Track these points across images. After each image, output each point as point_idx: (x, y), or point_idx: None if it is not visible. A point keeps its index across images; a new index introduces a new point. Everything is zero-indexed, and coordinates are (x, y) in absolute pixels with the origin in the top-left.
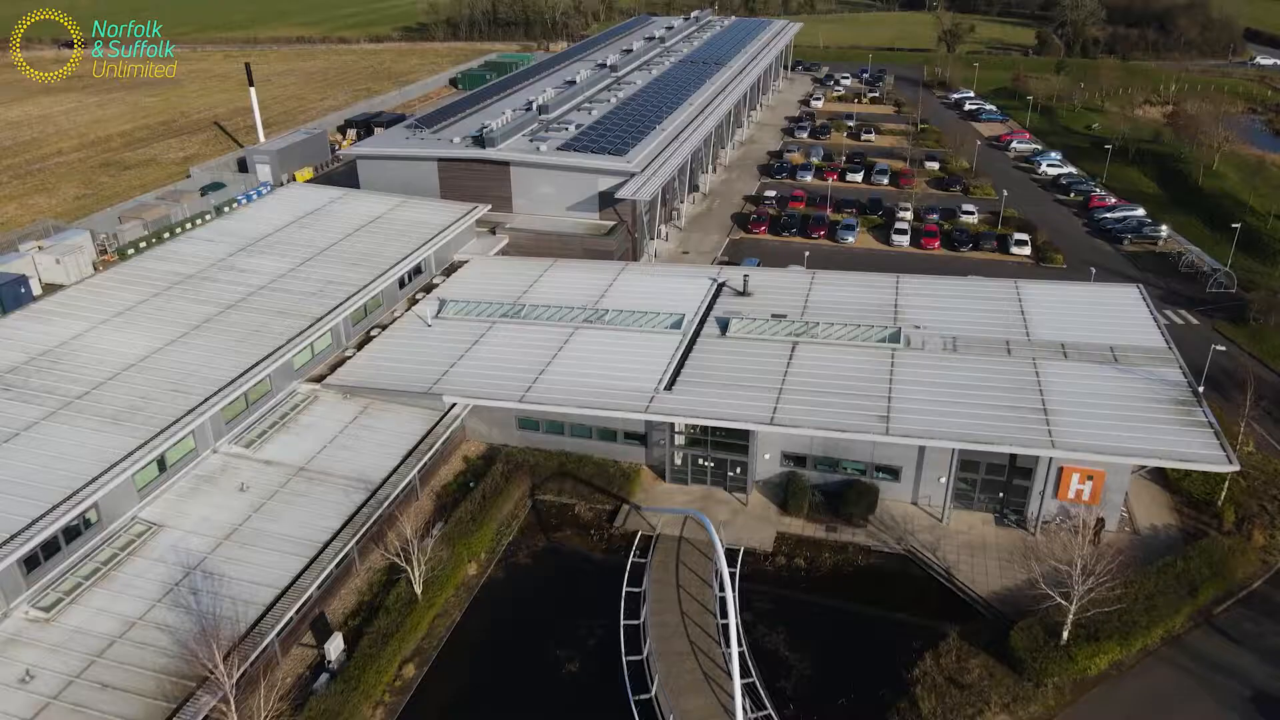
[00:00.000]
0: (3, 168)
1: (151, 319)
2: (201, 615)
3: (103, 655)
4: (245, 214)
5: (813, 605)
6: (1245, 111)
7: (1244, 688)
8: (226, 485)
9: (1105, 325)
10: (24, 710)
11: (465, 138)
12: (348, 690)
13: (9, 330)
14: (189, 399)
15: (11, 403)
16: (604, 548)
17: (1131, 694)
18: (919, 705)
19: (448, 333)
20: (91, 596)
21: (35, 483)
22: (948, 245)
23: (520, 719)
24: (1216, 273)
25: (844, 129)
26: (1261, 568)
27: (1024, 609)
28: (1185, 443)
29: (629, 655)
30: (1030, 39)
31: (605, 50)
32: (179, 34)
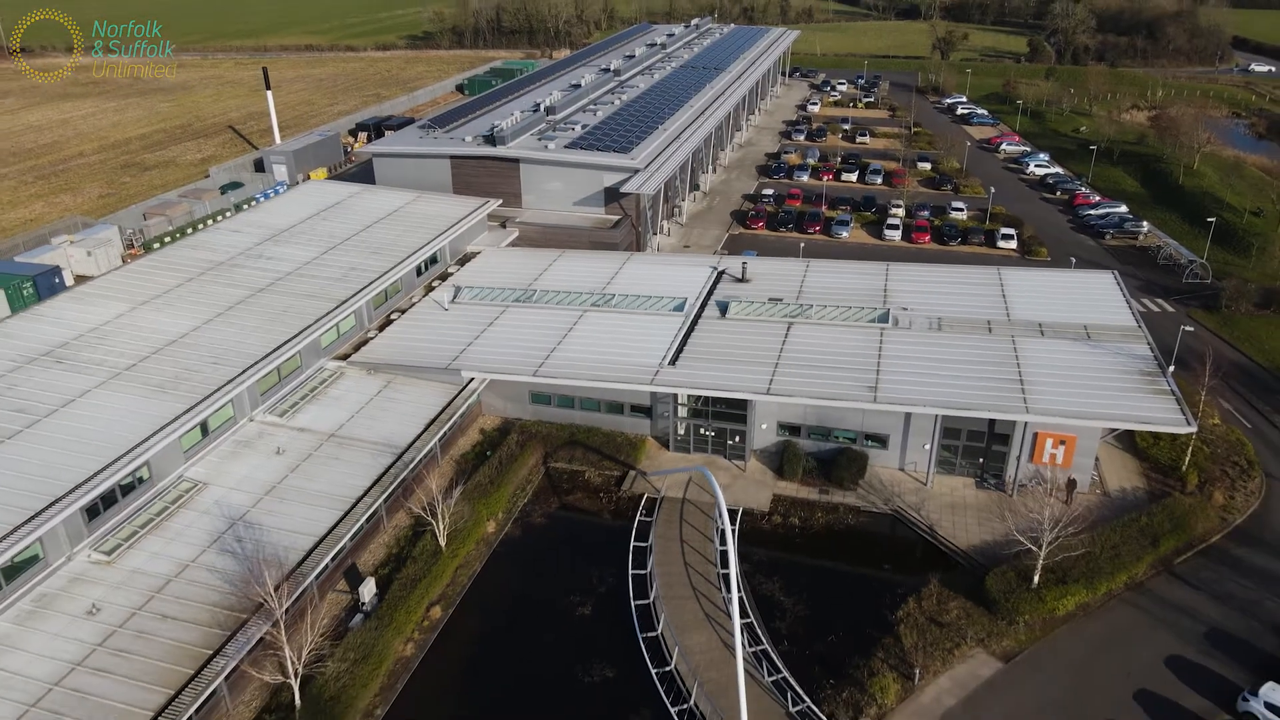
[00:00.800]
0: (27, 168)
1: (188, 301)
2: (247, 559)
3: (160, 592)
4: (269, 207)
5: (805, 558)
6: (1229, 116)
7: (1199, 625)
8: (263, 449)
9: (1080, 307)
10: (93, 637)
11: (476, 137)
12: (381, 627)
13: (56, 311)
14: (228, 370)
15: (66, 373)
16: (612, 509)
17: (1096, 630)
18: (902, 641)
19: (463, 315)
20: (147, 543)
21: (92, 442)
22: (938, 240)
23: (538, 654)
24: (1192, 264)
25: (839, 132)
26: (1220, 524)
27: (1000, 559)
28: (1149, 408)
29: (637, 600)
30: (1023, 47)
31: (608, 56)
32: (189, 42)
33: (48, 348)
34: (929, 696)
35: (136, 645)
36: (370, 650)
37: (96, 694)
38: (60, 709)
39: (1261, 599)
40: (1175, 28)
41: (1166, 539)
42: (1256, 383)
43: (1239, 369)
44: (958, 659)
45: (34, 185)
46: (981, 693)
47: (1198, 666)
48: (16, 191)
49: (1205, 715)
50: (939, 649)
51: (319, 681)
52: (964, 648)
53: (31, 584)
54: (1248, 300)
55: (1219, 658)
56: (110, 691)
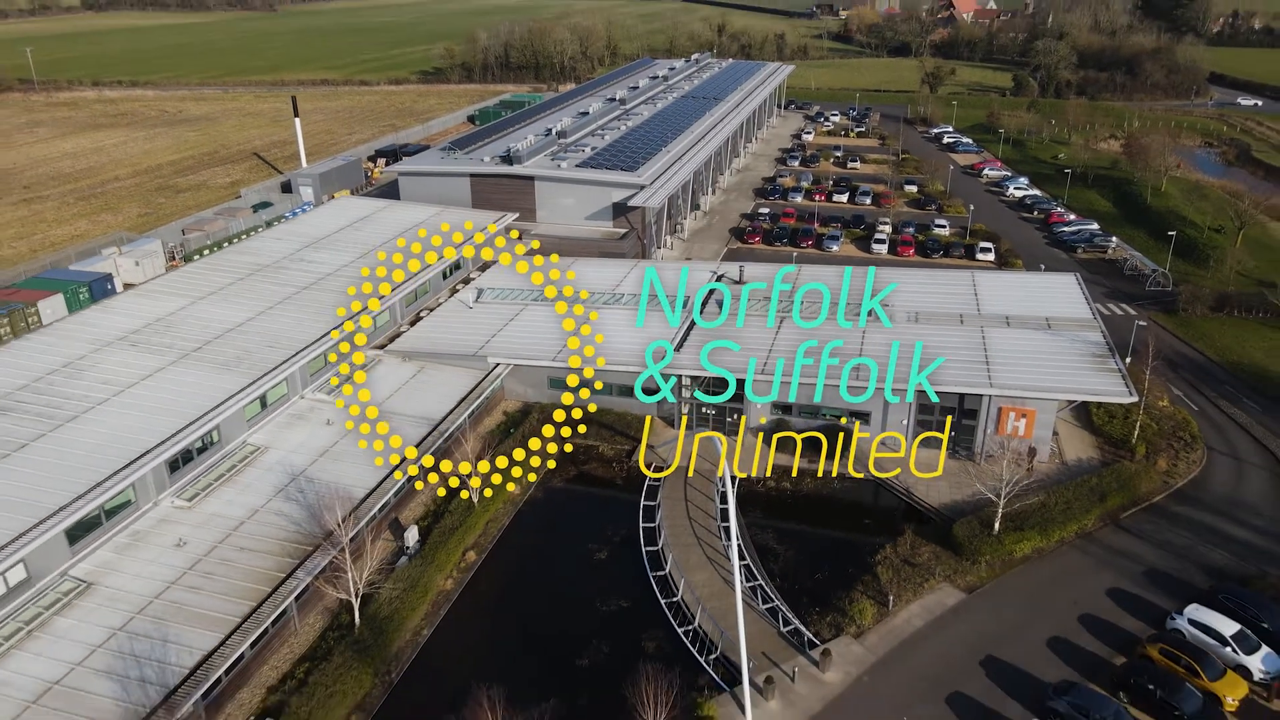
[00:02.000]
0: (68, 191)
1: (241, 296)
2: (309, 505)
3: (237, 530)
4: (305, 220)
5: (796, 515)
6: (1202, 145)
7: (1138, 565)
8: (314, 420)
9: (1044, 303)
10: (183, 563)
11: (494, 157)
12: (425, 564)
13: (125, 305)
14: (282, 353)
15: (141, 354)
16: (624, 476)
17: (1048, 569)
18: (879, 578)
19: (487, 312)
20: (221, 493)
21: (171, 409)
22: (921, 253)
23: (561, 589)
24: (1155, 273)
25: (832, 158)
26: (1162, 485)
27: (966, 513)
28: (1098, 383)
29: (647, 547)
30: (1008, 82)
31: (613, 87)
32: (210, 77)
33: (122, 334)
34: (901, 619)
35: (220, 570)
36: (416, 581)
37: (191, 605)
38: (162, 616)
39: (1195, 545)
40: (1153, 64)
41: (1113, 496)
42: (1206, 374)
43: (1191, 363)
44: (927, 590)
45: (76, 206)
46: (947, 617)
47: (1135, 597)
48: (60, 211)
49: (1138, 633)
50: (911, 583)
51: (374, 604)
52: (932, 582)
53: (126, 523)
54: (1202, 304)
55: (1154, 591)
56: (202, 603)
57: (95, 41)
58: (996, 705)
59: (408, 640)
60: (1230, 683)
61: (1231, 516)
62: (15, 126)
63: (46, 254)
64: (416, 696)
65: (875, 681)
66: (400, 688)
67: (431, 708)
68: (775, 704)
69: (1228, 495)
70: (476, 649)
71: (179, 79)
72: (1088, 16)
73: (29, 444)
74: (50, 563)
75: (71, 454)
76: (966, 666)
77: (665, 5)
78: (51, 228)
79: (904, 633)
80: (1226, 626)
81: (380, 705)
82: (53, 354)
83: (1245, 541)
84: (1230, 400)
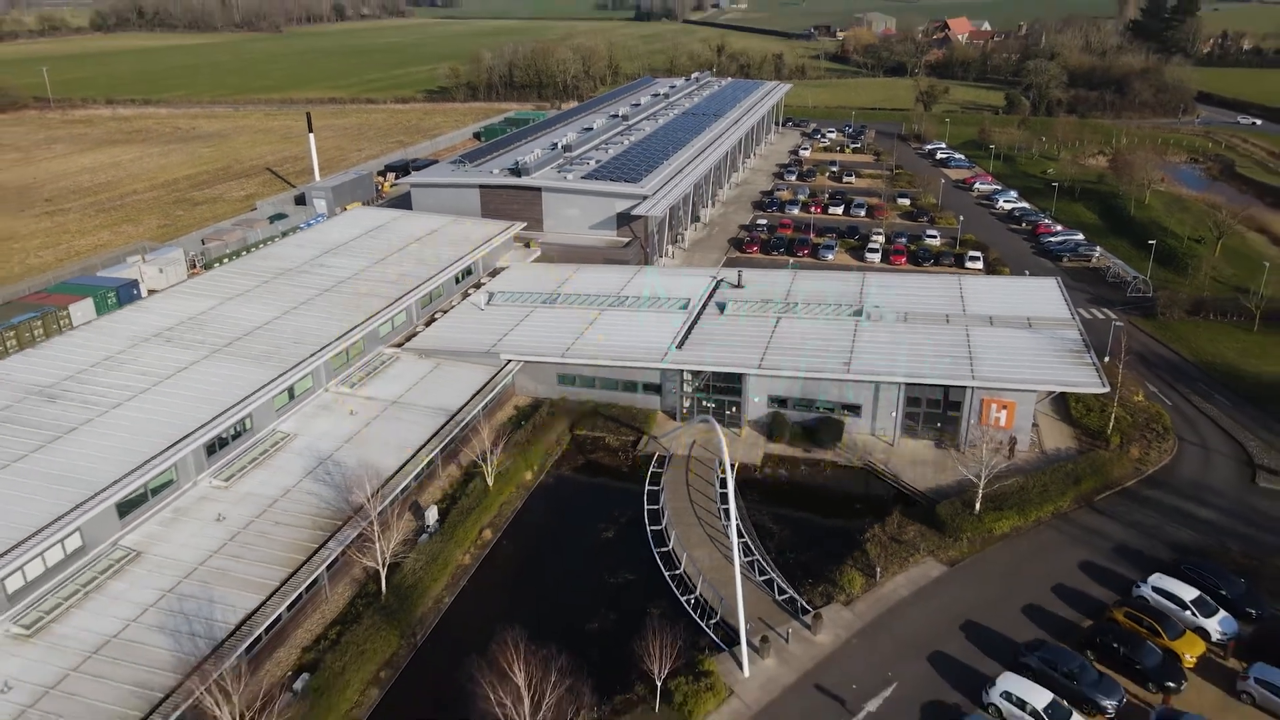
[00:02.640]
0: (89, 204)
1: (266, 297)
2: (338, 486)
3: (271, 506)
4: (323, 228)
5: (791, 498)
6: (1187, 161)
7: (1108, 542)
8: (339, 411)
9: (1026, 304)
10: (224, 535)
11: (503, 169)
12: (445, 541)
13: (157, 305)
14: (307, 348)
15: (176, 349)
16: (629, 464)
17: (1025, 545)
18: (868, 553)
19: (498, 314)
20: (255, 474)
21: (206, 398)
22: (913, 261)
23: (572, 563)
24: (1135, 280)
25: (828, 173)
26: (1135, 471)
27: (950, 496)
28: (1073, 375)
29: (651, 526)
30: (1000, 101)
31: (616, 105)
32: (220, 95)
33: (157, 330)
34: (887, 589)
35: (258, 541)
36: (437, 555)
37: (232, 571)
38: (207, 580)
39: (1163, 525)
40: (1142, 83)
41: (1088, 480)
42: (1181, 373)
43: (1167, 363)
44: (912, 564)
45: (97, 217)
46: (930, 587)
47: (1104, 569)
48: (83, 222)
49: (1106, 600)
50: (897, 557)
51: (399, 575)
52: (917, 556)
53: (169, 500)
54: (1179, 308)
55: (1122, 564)
56: (242, 570)
57: (105, 62)
58: (973, 662)
59: (430, 607)
60: (1189, 642)
61: (1198, 499)
62: (34, 143)
63: (72, 262)
64: (439, 656)
65: (863, 643)
66: (425, 648)
67: (453, 665)
68: (770, 661)
69: (1196, 481)
70: (494, 615)
71: (190, 97)
72: (1079, 38)
73: (78, 428)
74: (102, 533)
75: (117, 437)
76: (947, 630)
77: (665, 27)
78: (75, 238)
79: (890, 601)
80: (1187, 593)
81: (406, 663)
82: (93, 349)
83: (1210, 521)
84: (1203, 396)
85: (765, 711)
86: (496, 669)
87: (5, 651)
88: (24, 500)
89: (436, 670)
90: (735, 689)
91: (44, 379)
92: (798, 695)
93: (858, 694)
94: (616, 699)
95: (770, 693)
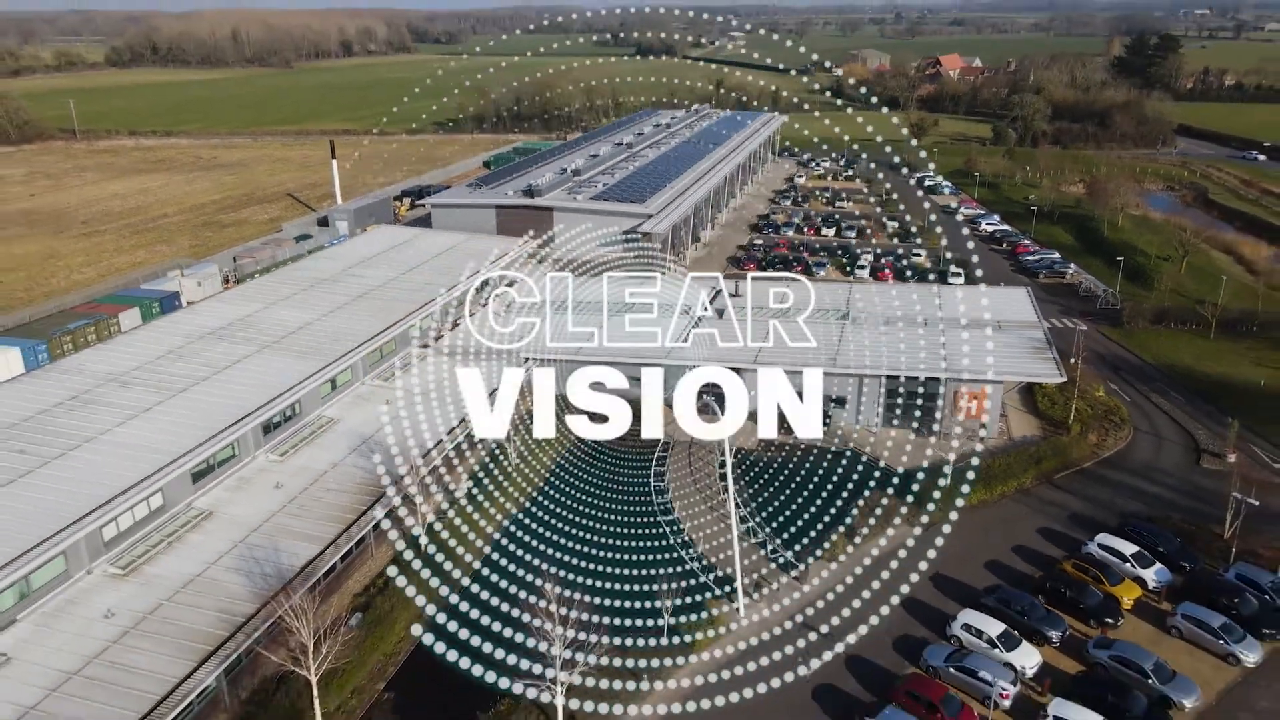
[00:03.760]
0: (123, 226)
1: (306, 302)
2: (382, 460)
3: (322, 477)
4: (350, 244)
5: (783, 478)
6: (1163, 188)
7: (1064, 512)
8: (375, 400)
9: (998, 310)
10: (282, 499)
11: (516, 191)
12: (476, 509)
13: (208, 308)
14: (346, 345)
15: (230, 345)
16: (638, 447)
17: (990, 514)
18: (851, 521)
19: (515, 319)
20: (305, 451)
21: (262, 384)
22: (899, 277)
23: (590, 523)
24: (1105, 294)
25: (821, 198)
26: (1092, 454)
27: (924, 472)
28: (1034, 367)
29: (659, 498)
30: (987, 133)
31: (620, 134)
32: (238, 127)
33: (211, 330)
34: (867, 549)
35: (312, 504)
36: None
37: (293, 527)
38: (271, 534)
39: (1115, 498)
40: (1123, 116)
41: (1048, 460)
42: (1141, 374)
43: (1130, 365)
44: (889, 529)
45: (132, 239)
46: (904, 548)
47: (1059, 533)
48: (119, 242)
49: (1058, 557)
50: (876, 524)
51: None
52: (894, 523)
53: (233, 471)
54: (1143, 318)
55: (1075, 529)
56: (301, 526)
57: (124, 95)
58: (940, 605)
59: (467, 562)
60: (1127, 588)
61: (1148, 478)
62: (64, 171)
63: (114, 277)
64: (479, 598)
65: (844, 591)
66: (465, 591)
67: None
68: (763, 605)
69: (1147, 463)
70: (527, 565)
71: (209, 129)
72: (1065, 73)
73: (152, 408)
74: (179, 495)
75: (187, 416)
76: (919, 581)
77: (665, 63)
78: (114, 256)
79: (869, 557)
80: (1128, 548)
81: (448, 605)
82: (158, 344)
83: (1156, 495)
84: (1160, 393)
85: (758, 643)
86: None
87: (106, 587)
88: (113, 465)
89: (478, 607)
90: (732, 625)
91: (116, 369)
92: (786, 631)
93: (839, 630)
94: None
95: (763, 629)
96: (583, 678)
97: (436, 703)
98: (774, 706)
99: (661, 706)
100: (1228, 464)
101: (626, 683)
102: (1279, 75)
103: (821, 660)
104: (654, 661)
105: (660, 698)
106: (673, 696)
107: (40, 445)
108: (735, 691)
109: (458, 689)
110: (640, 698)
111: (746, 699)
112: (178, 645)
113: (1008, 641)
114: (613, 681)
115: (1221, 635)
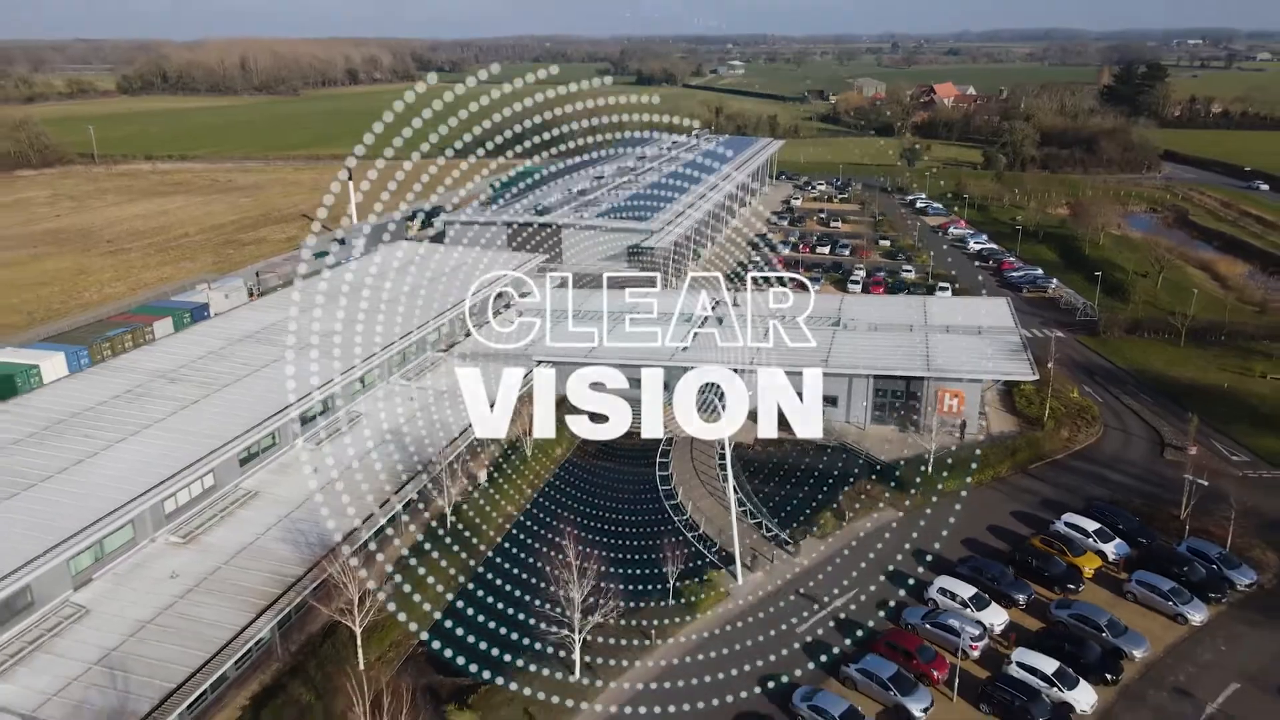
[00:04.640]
0: (147, 244)
1: (334, 310)
2: (405, 450)
3: (356, 461)
4: (372, 259)
5: (779, 469)
6: (1146, 210)
7: (1036, 497)
8: (401, 397)
9: (979, 317)
10: (321, 482)
11: (526, 209)
12: (498, 490)
13: (243, 314)
14: (372, 347)
15: (267, 347)
16: (642, 444)
17: (968, 500)
18: (840, 504)
19: (527, 326)
20: (338, 440)
21: (297, 381)
22: (890, 292)
23: (599, 510)
24: (1084, 307)
25: (817, 219)
26: (1063, 447)
27: (909, 462)
28: (1009, 366)
29: (663, 486)
30: (978, 158)
31: (624, 157)
32: (251, 152)
33: (248, 334)
34: (855, 528)
35: (348, 487)
36: (492, 500)
37: (331, 505)
38: (313, 509)
39: (1084, 485)
40: (1110, 142)
41: (1022, 452)
42: (1114, 378)
43: (1104, 370)
44: (875, 511)
45: (157, 256)
46: (888, 527)
47: (1031, 515)
48: (145, 260)
49: (1028, 535)
50: (864, 507)
51: (461, 515)
52: (879, 506)
53: (274, 458)
54: (1119, 328)
55: (1045, 512)
56: (339, 504)
57: (137, 121)
58: (920, 576)
59: (491, 537)
60: (1088, 559)
61: (1114, 468)
62: (86, 193)
63: (144, 291)
64: (500, 566)
65: (833, 564)
66: (488, 560)
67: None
68: (759, 575)
69: (1115, 455)
70: (549, 530)
71: (222, 153)
72: (1055, 101)
73: (200, 400)
74: (228, 476)
75: (232, 407)
76: (902, 555)
77: (666, 90)
78: (141, 272)
79: (856, 536)
80: (1091, 525)
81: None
82: (199, 346)
83: (1122, 483)
84: (1131, 395)
85: (755, 606)
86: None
87: (169, 553)
88: (169, 448)
89: (500, 572)
90: (730, 592)
91: (164, 366)
92: (780, 597)
93: (828, 597)
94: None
95: (758, 595)
96: (593, 635)
97: (471, 652)
98: (767, 657)
99: (663, 661)
100: (1188, 456)
101: (635, 639)
102: (1265, 104)
103: (813, 616)
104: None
105: (665, 652)
106: (679, 650)
107: (104, 430)
108: (736, 643)
109: (488, 642)
110: (648, 652)
111: (746, 648)
112: (237, 601)
113: (978, 602)
114: (621, 639)
115: (1170, 598)
